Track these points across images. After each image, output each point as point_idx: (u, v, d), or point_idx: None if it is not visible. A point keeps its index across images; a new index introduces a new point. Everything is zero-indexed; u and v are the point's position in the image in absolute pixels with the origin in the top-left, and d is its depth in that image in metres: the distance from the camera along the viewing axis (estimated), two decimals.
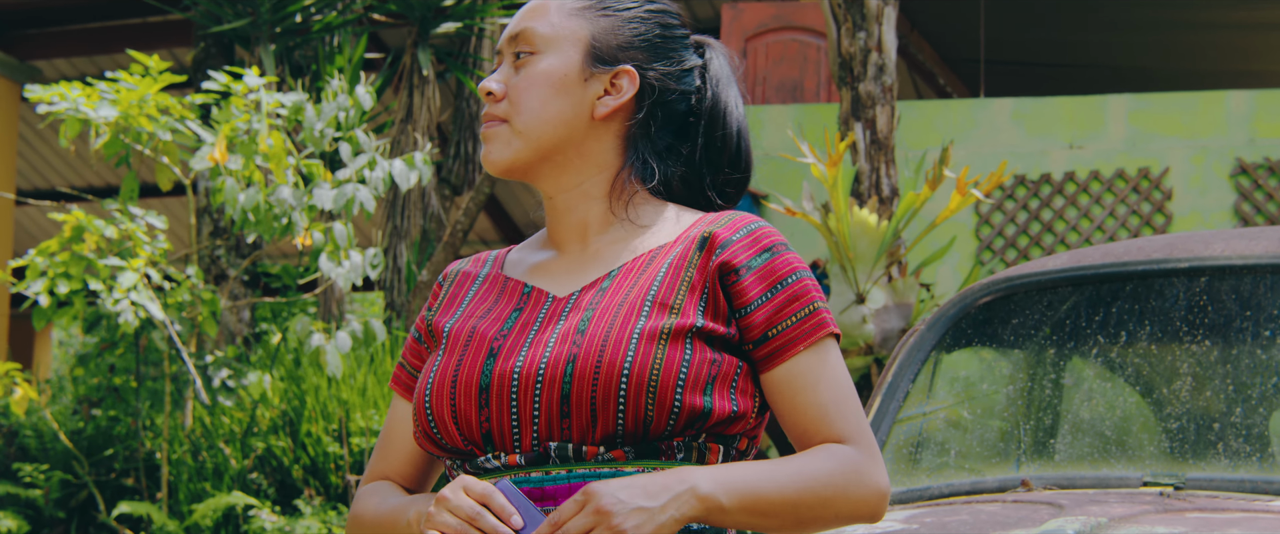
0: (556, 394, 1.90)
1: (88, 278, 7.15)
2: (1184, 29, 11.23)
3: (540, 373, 1.91)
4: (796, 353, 1.95)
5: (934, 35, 11.72)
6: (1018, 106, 8.26)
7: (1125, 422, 3.33)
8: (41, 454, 8.21)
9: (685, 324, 1.93)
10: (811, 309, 1.97)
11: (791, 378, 1.95)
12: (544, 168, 2.05)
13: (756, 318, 1.95)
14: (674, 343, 1.91)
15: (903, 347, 3.52)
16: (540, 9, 2.07)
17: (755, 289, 1.95)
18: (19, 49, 12.16)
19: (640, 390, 1.88)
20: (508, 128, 2.04)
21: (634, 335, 1.90)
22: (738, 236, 1.98)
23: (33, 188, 14.82)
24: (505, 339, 1.98)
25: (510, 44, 2.07)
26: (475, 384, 1.95)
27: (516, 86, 2.04)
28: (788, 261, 1.98)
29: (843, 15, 7.66)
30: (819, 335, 1.96)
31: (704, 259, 1.97)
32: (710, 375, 1.92)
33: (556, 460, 1.92)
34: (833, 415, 1.95)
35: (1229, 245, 3.32)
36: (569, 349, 1.92)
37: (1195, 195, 7.96)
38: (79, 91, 7.04)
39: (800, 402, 1.95)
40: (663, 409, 1.89)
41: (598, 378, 1.88)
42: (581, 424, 1.90)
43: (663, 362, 1.89)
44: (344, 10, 10.02)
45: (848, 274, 7.05)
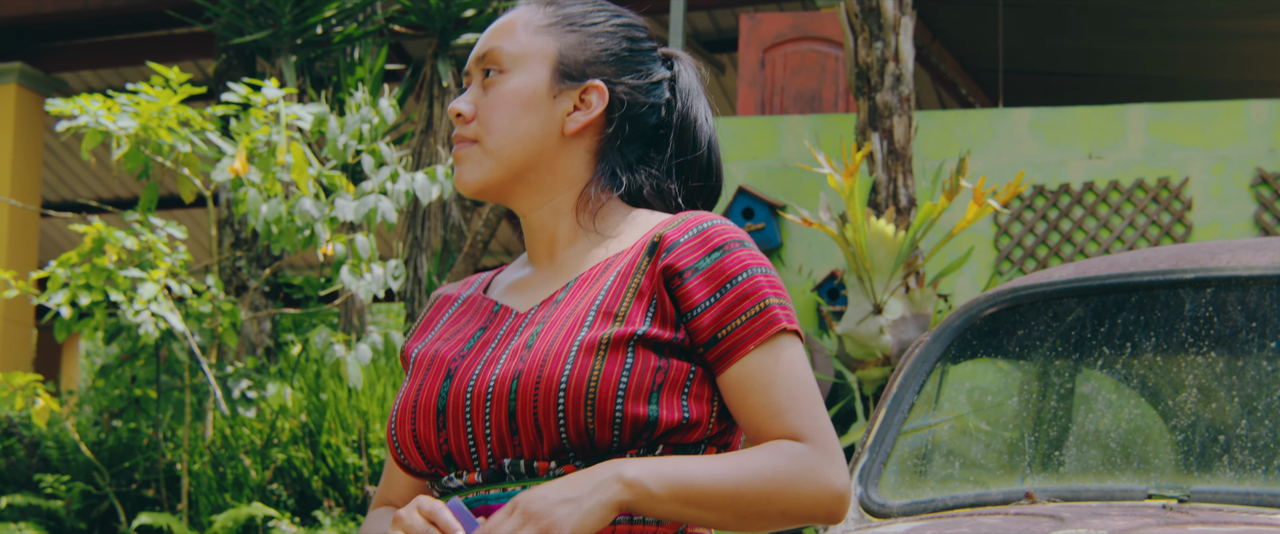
0: (504, 412, 1.90)
1: (108, 289, 7.18)
2: (1207, 38, 11.19)
3: (489, 391, 1.91)
4: (747, 352, 1.91)
5: (955, 45, 11.70)
6: (1036, 116, 8.23)
7: (1131, 434, 3.31)
8: (63, 465, 8.25)
9: (627, 332, 1.90)
10: (762, 307, 1.92)
11: (743, 378, 1.91)
12: (517, 187, 2.05)
13: (704, 320, 1.91)
14: (614, 352, 1.88)
15: (908, 358, 3.51)
16: (506, 28, 2.06)
17: (702, 291, 1.92)
18: (44, 62, 12.24)
19: (578, 402, 1.86)
20: (479, 148, 2.03)
21: (573, 348, 1.88)
22: (686, 238, 1.94)
23: (60, 199, 14.89)
24: (463, 360, 1.98)
25: (478, 64, 2.06)
26: (433, 407, 1.95)
27: (486, 106, 2.04)
28: (738, 260, 1.93)
29: (860, 25, 7.66)
30: (770, 333, 1.92)
31: (652, 264, 1.94)
32: (655, 383, 1.89)
33: (511, 477, 1.91)
34: (785, 413, 1.90)
35: (1236, 256, 3.31)
36: (516, 365, 1.91)
37: (1215, 206, 7.93)
38: (99, 104, 7.08)
39: (752, 401, 1.91)
40: (604, 420, 1.87)
41: (537, 393, 1.87)
42: (529, 440, 1.89)
43: (601, 372, 1.87)
44: (364, 22, 10.06)
45: (865, 285, 7.04)
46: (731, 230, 1.96)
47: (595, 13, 2.08)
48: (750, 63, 8.87)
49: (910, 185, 7.58)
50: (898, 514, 3.28)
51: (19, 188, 11.79)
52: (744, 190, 8.15)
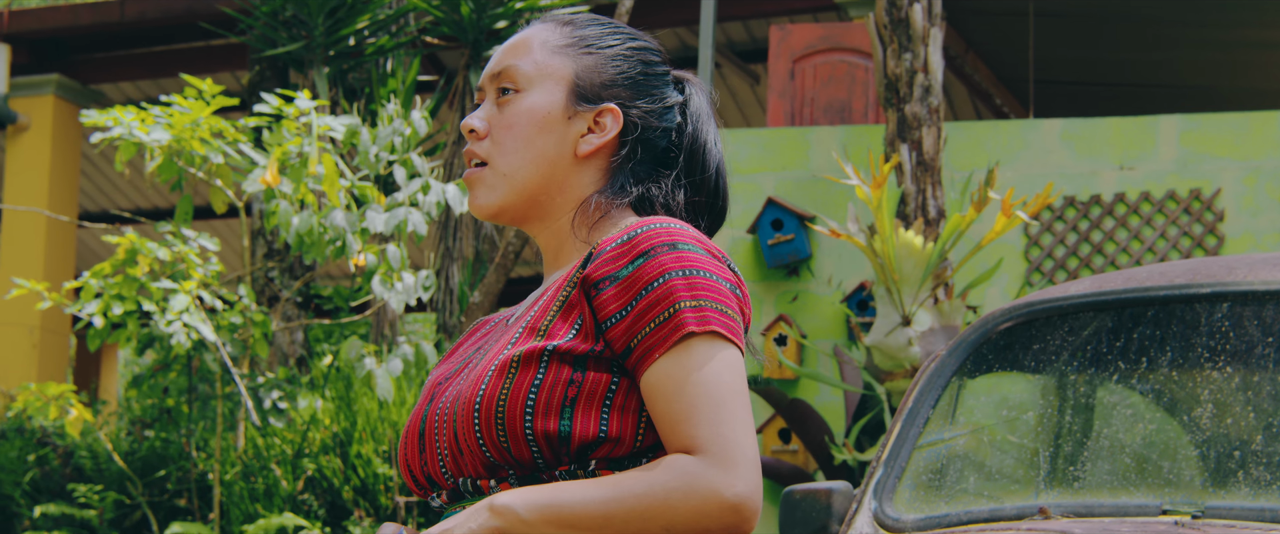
0: (449, 433, 1.93)
1: (141, 300, 7.23)
2: (1243, 47, 11.12)
3: (439, 415, 1.95)
4: (653, 360, 1.85)
5: (989, 55, 11.66)
6: (1067, 127, 8.20)
7: (1147, 449, 3.30)
8: (96, 475, 8.30)
9: (540, 347, 1.88)
10: (672, 311, 1.85)
11: (650, 388, 1.86)
12: (530, 210, 2.05)
13: (617, 331, 1.88)
14: (526, 368, 1.87)
15: (924, 372, 3.50)
16: (522, 46, 2.06)
17: (616, 302, 1.88)
18: (82, 73, 12.33)
19: (489, 421, 1.87)
20: (490, 171, 2.04)
21: (491, 368, 1.89)
22: (611, 246, 1.91)
23: (99, 209, 15.00)
24: (449, 382, 2.00)
25: (492, 81, 2.06)
26: (416, 431, 1.99)
27: (500, 125, 2.04)
28: (659, 265, 1.87)
29: (889, 37, 7.64)
30: (675, 338, 1.85)
31: (581, 275, 1.92)
32: (567, 397, 1.86)
33: (467, 496, 1.94)
34: (682, 423, 1.83)
35: (1252, 271, 3.29)
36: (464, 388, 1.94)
37: (1247, 217, 7.87)
38: (133, 116, 7.13)
39: (658, 411, 1.86)
40: (516, 437, 1.86)
41: (458, 414, 1.90)
42: (470, 460, 1.91)
43: (510, 389, 1.86)
44: (397, 33, 10.10)
45: (893, 296, 7.02)
46: (663, 234, 1.90)
47: (611, 35, 2.08)
48: (780, 74, 8.86)
49: (939, 197, 7.56)
50: (911, 529, 3.27)
51: (57, 198, 11.89)
52: (773, 201, 8.14)
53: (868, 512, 3.34)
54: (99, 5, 11.88)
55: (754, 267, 8.33)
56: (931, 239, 7.40)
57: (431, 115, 10.00)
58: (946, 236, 6.96)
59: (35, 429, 8.75)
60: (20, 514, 8.37)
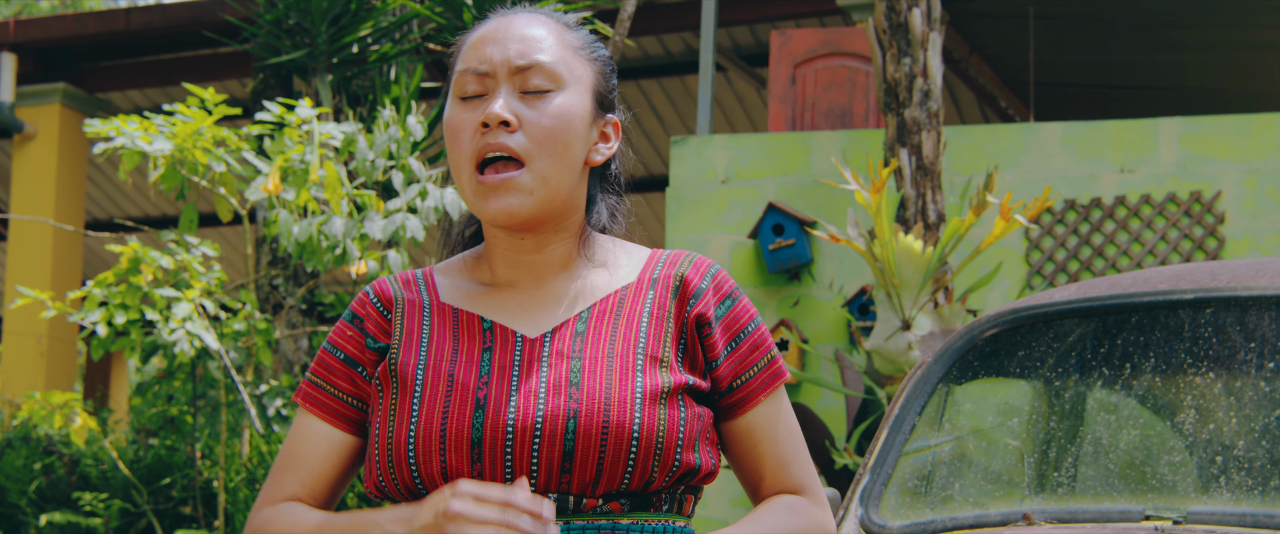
0: (557, 451, 1.87)
1: (144, 308, 7.25)
2: (1247, 49, 11.11)
3: (537, 428, 1.87)
4: (758, 403, 1.99)
5: (993, 58, 11.66)
6: (1067, 130, 8.20)
7: (1131, 454, 3.30)
8: (102, 483, 8.33)
9: (681, 381, 1.94)
10: (769, 358, 2.00)
11: (753, 428, 1.99)
12: (548, 220, 1.98)
13: (723, 369, 1.98)
14: (672, 403, 1.92)
15: (910, 379, 3.51)
16: (543, 41, 1.98)
17: (722, 342, 1.98)
18: (88, 82, 12.37)
19: (649, 452, 1.89)
20: (528, 174, 1.94)
21: (637, 395, 1.89)
22: (706, 285, 1.99)
23: (107, 216, 15.04)
24: (488, 387, 1.91)
25: (515, 75, 1.96)
26: (466, 439, 1.89)
27: (536, 122, 1.94)
28: (746, 308, 2.01)
29: (888, 41, 7.65)
30: (776, 384, 2.00)
31: (679, 308, 1.97)
32: (698, 432, 1.94)
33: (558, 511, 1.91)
34: (790, 466, 1.99)
35: (1237, 277, 3.30)
36: (567, 404, 1.88)
37: (1248, 219, 7.87)
38: (136, 125, 7.15)
39: (760, 451, 1.99)
40: (665, 469, 1.90)
41: (606, 439, 1.87)
42: (584, 479, 1.88)
43: (666, 423, 1.90)
44: (400, 40, 10.11)
45: (893, 301, 7.03)
46: (730, 277, 2.03)
47: (597, 44, 2.06)
48: (781, 79, 8.87)
49: (939, 201, 7.57)
50: None
51: (63, 206, 11.93)
52: (774, 206, 8.15)
53: (854, 518, 3.35)
54: (104, 14, 11.92)
55: (755, 271, 8.34)
56: (931, 243, 7.40)
57: (432, 123, 10.02)
58: (946, 241, 6.96)
59: (41, 438, 8.78)
60: (26, 523, 8.40)
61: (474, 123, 1.94)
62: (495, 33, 1.98)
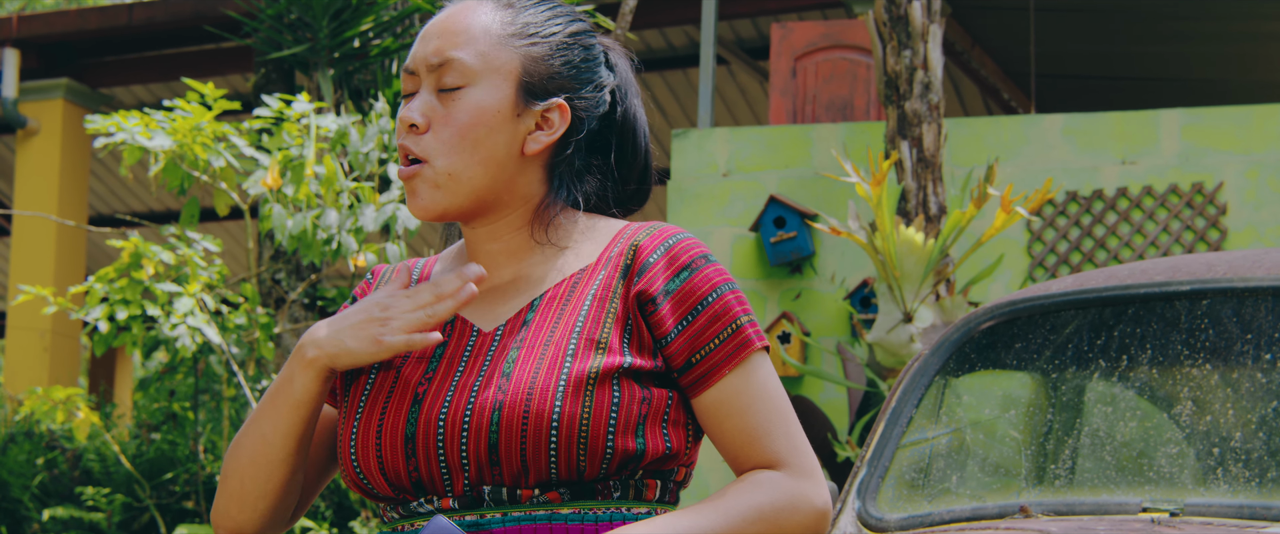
0: (484, 443, 1.84)
1: (146, 304, 7.25)
2: (1250, 40, 11.10)
3: (464, 421, 1.85)
4: (722, 377, 1.89)
5: (995, 50, 11.65)
6: (1068, 122, 8.19)
7: (1128, 446, 3.30)
8: (104, 478, 8.34)
9: (613, 364, 1.87)
10: (734, 328, 1.90)
11: (718, 404, 1.89)
12: (475, 211, 1.95)
13: (677, 345, 1.89)
14: (602, 387, 1.85)
15: (908, 372, 3.51)
16: (463, 34, 1.94)
17: (672, 317, 1.89)
18: (90, 77, 12.38)
19: (572, 441, 1.83)
20: (432, 169, 1.93)
21: (561, 382, 1.84)
22: (655, 259, 1.91)
23: (110, 211, 15.05)
24: (429, 383, 1.91)
25: (432, 72, 1.94)
26: (401, 434, 1.88)
27: (445, 123, 1.93)
28: (706, 278, 1.90)
29: (888, 34, 7.64)
30: (743, 355, 1.89)
31: (625, 286, 1.90)
32: (641, 415, 1.87)
33: (491, 503, 1.87)
34: (762, 439, 1.89)
35: (1232, 268, 3.29)
36: (495, 395, 1.85)
37: (1250, 210, 7.86)
38: (137, 121, 7.16)
39: (729, 427, 1.89)
40: (595, 456, 1.84)
41: (526, 429, 1.83)
42: (512, 471, 1.85)
43: (592, 410, 1.84)
44: (402, 35, 10.11)
45: (895, 293, 7.02)
46: (696, 245, 1.93)
47: (553, 20, 1.99)
48: (782, 72, 8.86)
49: (940, 193, 7.56)
50: (894, 528, 3.28)
51: (66, 201, 11.93)
52: (775, 199, 8.15)
53: (851, 511, 3.35)
54: (107, 10, 11.93)
55: (757, 264, 8.34)
56: (933, 236, 7.40)
57: None
58: (947, 233, 6.95)
59: (43, 433, 8.79)
60: (29, 518, 8.41)
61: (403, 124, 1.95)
62: (428, 28, 1.97)
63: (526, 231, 1.98)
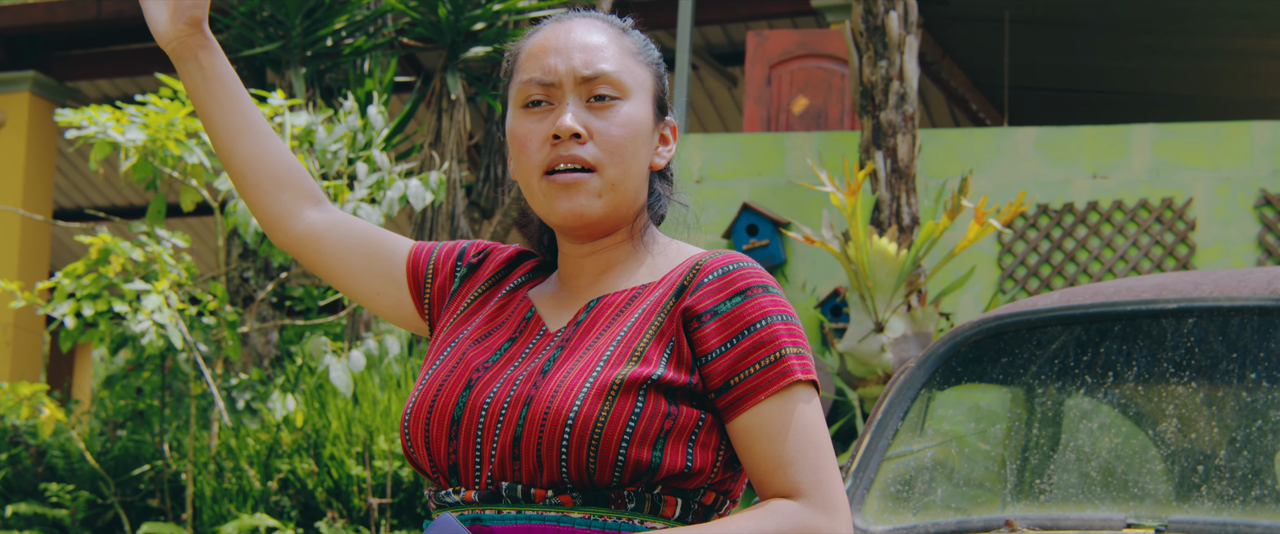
0: (508, 436, 1.88)
1: (113, 300, 7.21)
2: (1217, 56, 11.19)
3: (501, 412, 1.90)
4: (757, 401, 1.89)
5: (966, 61, 11.71)
6: (1041, 135, 8.24)
7: (1113, 462, 3.32)
8: (68, 474, 8.29)
9: (642, 374, 1.89)
10: (778, 356, 1.90)
11: (751, 428, 1.90)
12: (616, 220, 2.01)
13: (717, 366, 1.90)
14: (625, 395, 1.87)
15: (894, 384, 3.52)
16: (604, 49, 2.00)
17: (717, 337, 1.90)
18: (57, 70, 12.30)
19: (583, 443, 1.85)
20: (598, 177, 1.97)
21: (587, 385, 1.87)
22: (710, 279, 1.93)
23: (74, 206, 14.96)
24: (487, 370, 1.96)
25: (583, 83, 1.98)
26: (449, 414, 1.94)
27: (605, 133, 1.97)
28: (759, 306, 1.92)
29: (865, 44, 7.67)
30: (782, 384, 1.90)
31: (677, 303, 1.93)
32: (663, 429, 1.88)
33: (507, 500, 1.90)
34: (787, 467, 1.89)
35: (1218, 287, 3.32)
36: (528, 390, 1.90)
37: (1219, 226, 7.92)
38: (108, 115, 7.12)
39: (758, 452, 1.90)
40: (605, 463, 1.86)
41: (543, 425, 1.86)
42: (529, 467, 1.88)
43: (609, 415, 1.86)
44: (375, 34, 10.09)
45: (867, 303, 7.05)
46: (757, 274, 1.95)
47: (649, 44, 2.07)
48: (757, 79, 8.88)
49: (913, 204, 7.59)
50: None
51: (31, 195, 11.85)
52: (748, 207, 8.16)
53: None
54: (76, 3, 11.85)
55: None
56: (905, 246, 7.43)
57: (407, 117, 10.00)
58: (920, 244, 6.98)
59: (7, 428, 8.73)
60: None
61: (542, 134, 1.98)
62: (557, 41, 2.00)
63: (623, 246, 2.03)
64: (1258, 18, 10.37)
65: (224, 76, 2.14)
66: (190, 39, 2.11)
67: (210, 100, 2.13)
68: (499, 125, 10.76)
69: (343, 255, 2.14)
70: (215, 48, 2.14)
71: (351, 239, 2.14)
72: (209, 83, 2.13)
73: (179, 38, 2.11)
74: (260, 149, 2.14)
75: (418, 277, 2.13)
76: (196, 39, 2.12)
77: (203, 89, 2.13)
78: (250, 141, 2.13)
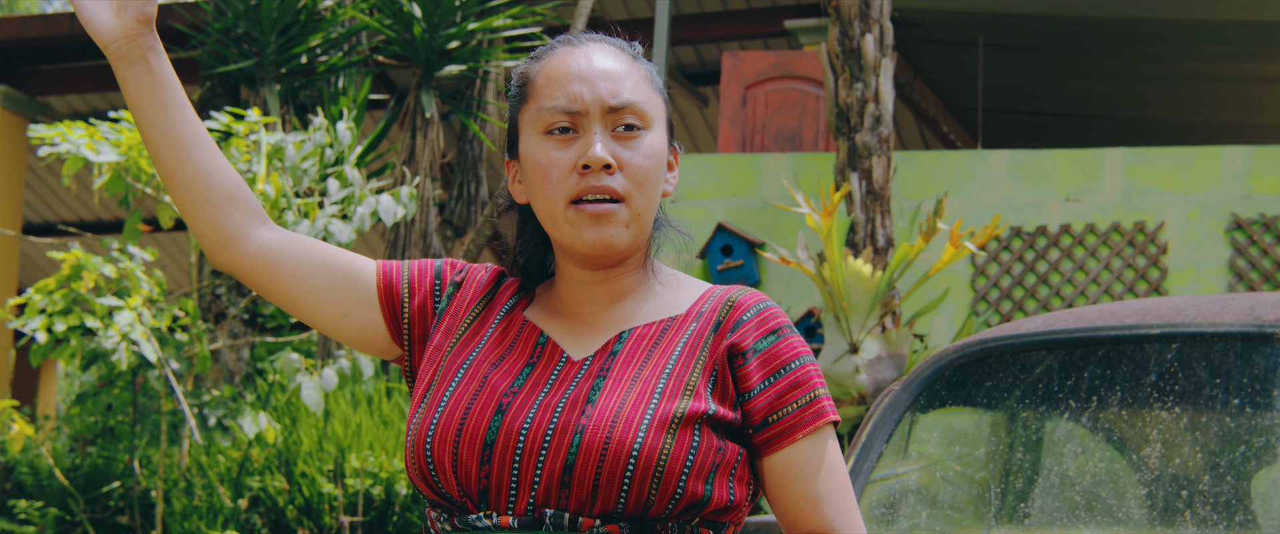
0: (559, 463, 1.88)
1: (85, 316, 7.18)
2: (1186, 81, 11.27)
3: (546, 439, 1.89)
4: (795, 440, 1.93)
5: (937, 83, 11.76)
6: (1014, 158, 8.28)
7: (1096, 487, 3.34)
8: (37, 491, 8.24)
9: (698, 410, 1.91)
10: (812, 397, 1.95)
11: (788, 465, 1.94)
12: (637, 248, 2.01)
13: (758, 403, 1.94)
14: (685, 429, 1.89)
15: (878, 406, 3.53)
16: (627, 78, 2.00)
17: (757, 375, 1.94)
18: (29, 85, 12.25)
19: (646, 476, 1.87)
20: (627, 208, 1.97)
21: (646, 417, 1.88)
22: (749, 317, 1.96)
23: (42, 221, 14.88)
24: (515, 395, 1.94)
25: (608, 114, 1.98)
26: (480, 438, 1.91)
27: (633, 163, 1.97)
28: (791, 346, 1.96)
29: (841, 66, 7.70)
30: (818, 424, 1.94)
31: (716, 338, 1.95)
32: (715, 463, 1.91)
33: (551, 527, 1.90)
34: (822, 506, 1.94)
35: (1201, 312, 3.34)
36: (577, 419, 1.89)
37: (1190, 250, 7.97)
38: (82, 132, 7.09)
39: (793, 489, 1.94)
40: (665, 495, 1.88)
41: (604, 456, 1.87)
42: (581, 497, 1.88)
43: (671, 448, 1.88)
44: (349, 52, 10.08)
45: (841, 324, 7.06)
46: (783, 314, 2.00)
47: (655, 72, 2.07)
48: (732, 100, 8.91)
49: (888, 226, 7.62)
50: None
51: (1, 210, 11.79)
52: (723, 227, 8.18)
53: None
54: (48, 18, 11.81)
55: None
56: (880, 268, 7.45)
57: (381, 135, 9.99)
58: (895, 265, 7.01)
59: None
60: None
61: (568, 162, 1.97)
62: (579, 68, 1.99)
63: (635, 273, 2.03)
64: (1224, 43, 10.45)
65: (172, 82, 2.01)
66: (140, 39, 1.98)
67: (159, 108, 1.99)
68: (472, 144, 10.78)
69: (304, 276, 2.04)
70: (163, 50, 2.02)
71: (314, 258, 2.05)
72: (158, 89, 1.99)
73: (128, 37, 1.98)
74: (211, 162, 2.01)
75: (392, 296, 2.07)
76: (147, 39, 1.98)
77: (152, 96, 1.99)
78: (200, 152, 2.00)
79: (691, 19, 11.25)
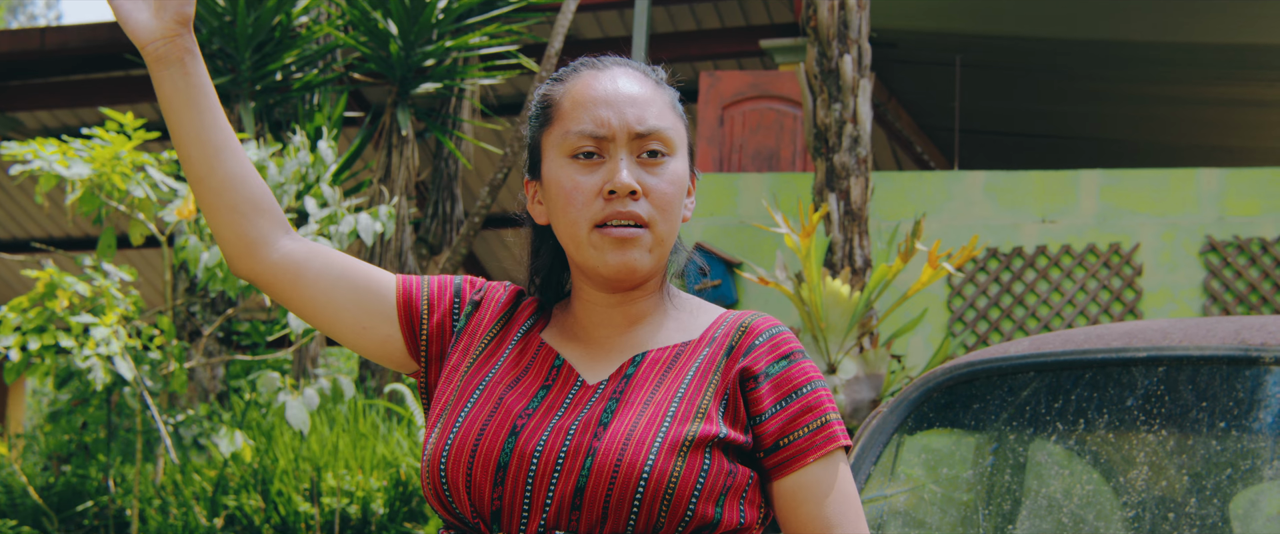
0: (571, 486, 1.89)
1: (59, 334, 7.14)
2: (1162, 103, 11.32)
3: (559, 461, 1.90)
4: (806, 463, 1.95)
5: (912, 104, 11.79)
6: (991, 180, 8.31)
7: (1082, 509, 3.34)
8: (11, 509, 8.18)
9: (710, 432, 1.92)
10: (823, 421, 1.96)
11: (799, 488, 1.96)
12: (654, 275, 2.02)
13: (769, 427, 1.95)
14: (696, 452, 1.90)
15: (865, 429, 3.54)
16: (653, 104, 2.00)
17: (769, 399, 1.96)
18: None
19: (656, 498, 1.88)
20: (649, 233, 1.98)
21: (658, 440, 1.90)
22: (761, 341, 1.98)
23: (11, 237, 14.81)
24: (530, 417, 1.95)
25: (634, 140, 1.98)
26: (494, 460, 1.92)
27: (658, 190, 1.98)
28: (803, 370, 1.98)
29: (819, 86, 7.71)
30: (830, 447, 1.96)
31: (728, 362, 1.97)
32: (725, 486, 1.92)
33: None
34: (834, 530, 1.96)
35: (1187, 336, 3.35)
36: (589, 441, 1.90)
37: (1165, 272, 8.01)
38: (54, 149, 7.06)
39: (804, 513, 1.96)
40: (675, 517, 1.89)
41: (615, 479, 1.88)
42: (590, 519, 1.89)
43: (682, 471, 1.89)
44: (325, 69, 10.06)
45: (819, 344, 7.07)
46: (794, 339, 2.02)
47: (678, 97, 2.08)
48: (709, 120, 8.92)
49: (866, 246, 7.63)
50: None
51: None
52: (701, 247, 8.19)
53: None
54: (18, 33, 11.77)
55: None
56: (858, 288, 7.46)
57: (356, 152, 9.97)
58: (873, 286, 7.02)
59: None
60: None
61: (594, 187, 1.97)
62: (605, 93, 2.00)
63: (652, 297, 2.04)
64: (1199, 65, 10.51)
65: (207, 86, 2.01)
66: (178, 40, 1.99)
67: (194, 112, 1.99)
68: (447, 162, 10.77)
69: (326, 287, 2.05)
70: (199, 53, 2.02)
71: (336, 270, 2.05)
72: (193, 92, 1.99)
73: (166, 37, 1.98)
74: (240, 169, 2.02)
75: (412, 311, 2.07)
76: (185, 40, 1.99)
77: (186, 98, 1.99)
78: (231, 159, 2.01)
79: (666, 37, 11.26)
